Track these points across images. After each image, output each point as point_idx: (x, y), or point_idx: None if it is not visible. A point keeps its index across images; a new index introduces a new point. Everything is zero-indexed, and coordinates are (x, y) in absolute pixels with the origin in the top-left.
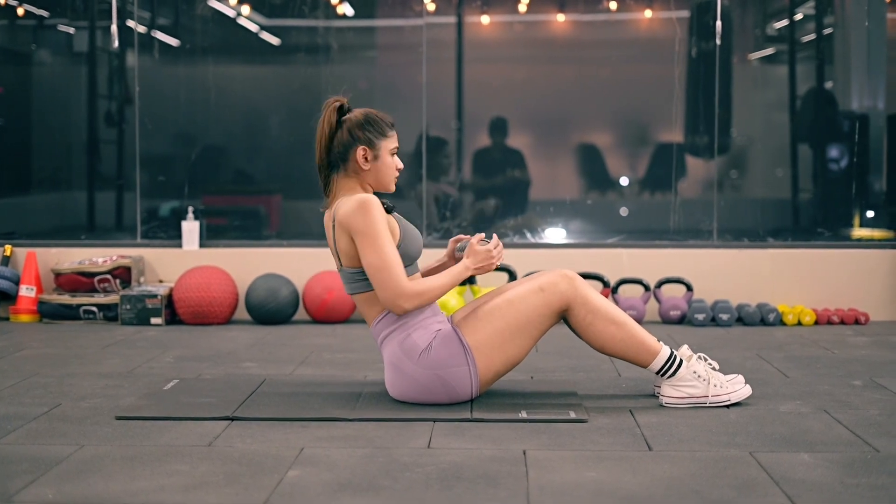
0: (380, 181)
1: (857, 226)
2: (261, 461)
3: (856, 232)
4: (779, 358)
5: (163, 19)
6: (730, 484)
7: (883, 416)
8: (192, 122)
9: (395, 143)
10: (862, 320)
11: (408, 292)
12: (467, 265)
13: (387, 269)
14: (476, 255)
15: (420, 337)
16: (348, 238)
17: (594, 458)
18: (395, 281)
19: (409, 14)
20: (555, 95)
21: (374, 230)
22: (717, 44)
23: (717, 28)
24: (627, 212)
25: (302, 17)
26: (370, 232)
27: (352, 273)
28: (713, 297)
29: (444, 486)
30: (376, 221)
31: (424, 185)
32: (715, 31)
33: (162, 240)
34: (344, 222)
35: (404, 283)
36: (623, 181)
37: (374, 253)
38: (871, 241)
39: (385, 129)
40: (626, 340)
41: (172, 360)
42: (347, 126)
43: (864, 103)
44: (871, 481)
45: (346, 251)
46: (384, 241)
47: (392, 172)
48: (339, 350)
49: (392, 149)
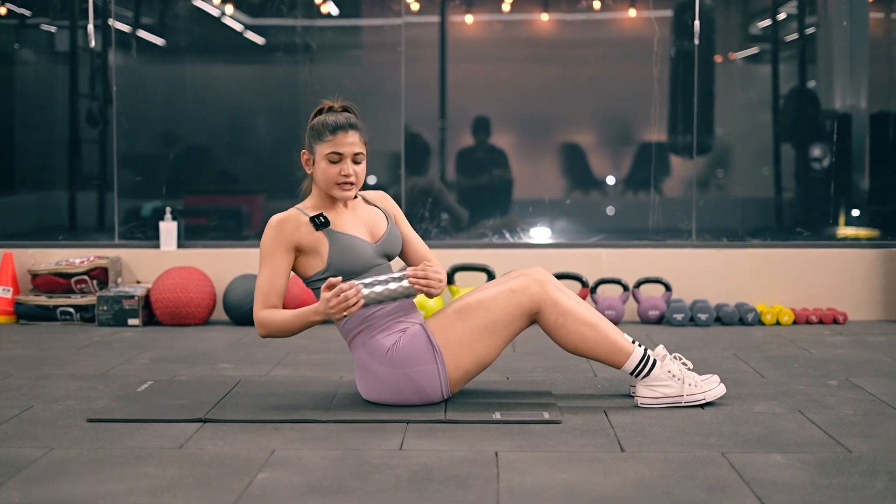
0: (323, 187)
1: (841, 225)
2: (231, 463)
3: (839, 231)
4: (756, 358)
5: (145, 18)
6: (701, 485)
7: (857, 417)
8: (174, 122)
9: (332, 149)
10: (840, 320)
11: (258, 319)
12: (316, 309)
13: (257, 293)
14: (321, 300)
15: (384, 337)
16: None
17: (566, 459)
18: (255, 305)
19: (388, 13)
20: (537, 95)
21: (263, 252)
22: (696, 43)
23: (696, 28)
24: (614, 211)
25: (281, 16)
26: (262, 253)
27: (308, 282)
28: (692, 296)
29: (413, 487)
30: (266, 244)
31: (403, 184)
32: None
33: (140, 240)
34: None
35: (258, 310)
36: (609, 180)
37: (259, 274)
38: (850, 240)
39: (322, 134)
40: (599, 342)
41: (148, 361)
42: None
43: (846, 102)
44: (842, 482)
45: None
46: (265, 264)
47: (331, 178)
48: (316, 351)
49: (328, 154)
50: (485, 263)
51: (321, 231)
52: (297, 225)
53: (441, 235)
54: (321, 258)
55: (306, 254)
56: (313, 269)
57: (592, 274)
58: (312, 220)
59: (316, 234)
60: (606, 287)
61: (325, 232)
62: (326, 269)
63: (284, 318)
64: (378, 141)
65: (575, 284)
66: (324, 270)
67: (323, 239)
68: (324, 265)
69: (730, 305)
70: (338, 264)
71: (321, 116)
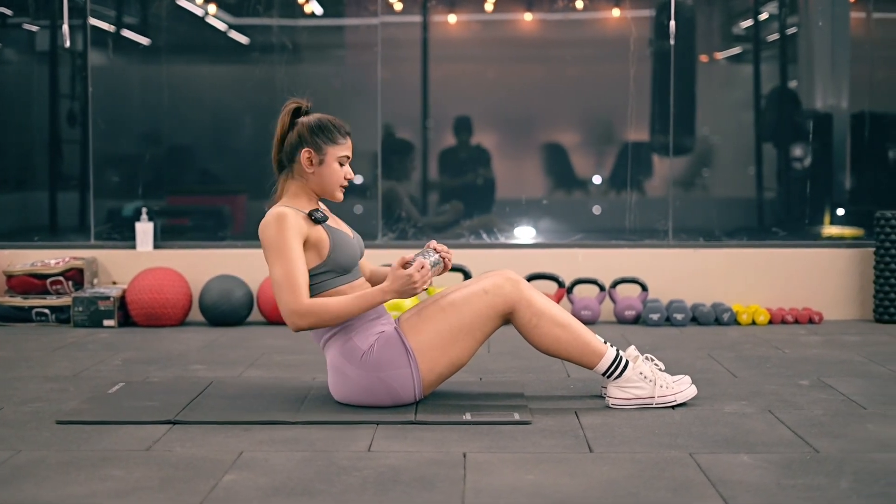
0: (324, 188)
1: (826, 224)
2: (198, 465)
3: (822, 230)
4: (729, 358)
5: (125, 17)
6: (667, 486)
7: (826, 417)
8: (154, 122)
9: (344, 152)
10: (816, 319)
11: (302, 309)
12: (384, 289)
13: (287, 285)
14: (397, 279)
15: (361, 340)
16: None
17: (534, 460)
18: (293, 296)
19: (364, 13)
20: (518, 95)
21: (274, 246)
22: (672, 44)
23: (672, 28)
24: (600, 210)
25: (258, 15)
26: (273, 247)
27: None
28: (668, 297)
29: (379, 489)
30: (276, 237)
31: (380, 184)
32: (676, 30)
33: (116, 241)
34: (259, 234)
35: (302, 300)
36: (596, 180)
37: (279, 267)
38: (826, 240)
39: (335, 136)
40: (572, 342)
41: (121, 362)
42: (298, 128)
43: (827, 102)
44: (807, 482)
45: None
46: (291, 255)
47: (337, 180)
48: (290, 352)
49: (340, 157)
50: (461, 264)
51: (320, 225)
52: (299, 218)
53: (418, 235)
54: (320, 253)
55: (307, 248)
56: (310, 264)
57: (569, 274)
58: (311, 214)
59: (317, 228)
60: (583, 287)
61: (324, 227)
62: (324, 263)
63: (343, 304)
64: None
65: (551, 285)
66: (321, 265)
67: (324, 233)
68: (321, 260)
69: (706, 305)
70: (337, 259)
71: (324, 116)
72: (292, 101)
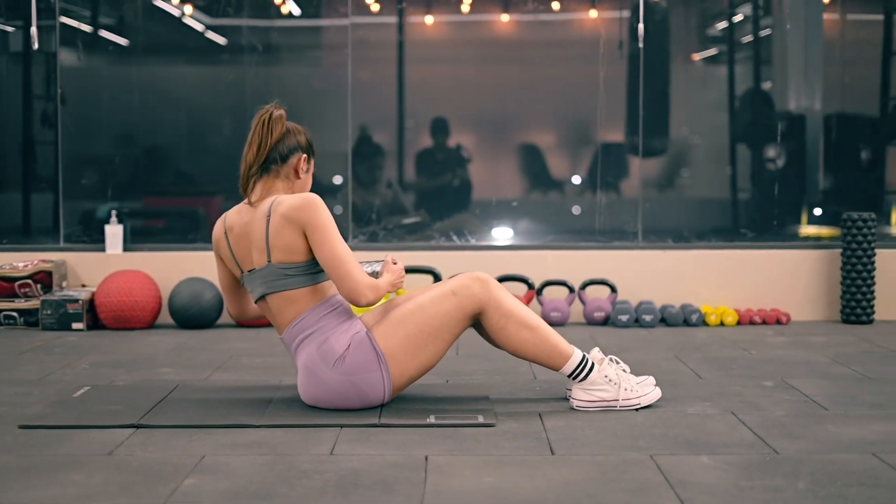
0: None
1: (798, 224)
2: (159, 470)
3: (796, 230)
4: (696, 359)
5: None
6: (625, 487)
7: (788, 418)
8: (126, 123)
9: None
10: (784, 320)
11: (369, 283)
12: (383, 282)
13: (350, 262)
14: (393, 272)
15: (338, 341)
16: (295, 232)
17: (495, 462)
18: (358, 272)
19: (333, 14)
20: (493, 96)
21: (332, 224)
22: (641, 46)
23: (640, 30)
24: (580, 210)
25: (229, 16)
26: (330, 226)
27: (281, 269)
28: (637, 298)
29: (339, 492)
30: (331, 217)
31: (350, 186)
32: (651, 32)
33: (85, 243)
34: (295, 216)
35: (364, 276)
36: (575, 180)
37: (338, 245)
38: (795, 241)
39: (316, 151)
40: (539, 344)
41: (88, 366)
42: (294, 132)
43: (800, 104)
44: (765, 483)
45: (288, 245)
46: (340, 236)
47: (308, 189)
48: (259, 354)
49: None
50: (431, 265)
51: None
52: None
53: (389, 237)
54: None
55: None
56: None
57: (538, 276)
58: None
59: None
60: (552, 289)
61: None
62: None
63: (385, 286)
64: (330, 141)
65: (521, 286)
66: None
67: None
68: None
69: (675, 306)
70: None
71: None
72: (277, 106)
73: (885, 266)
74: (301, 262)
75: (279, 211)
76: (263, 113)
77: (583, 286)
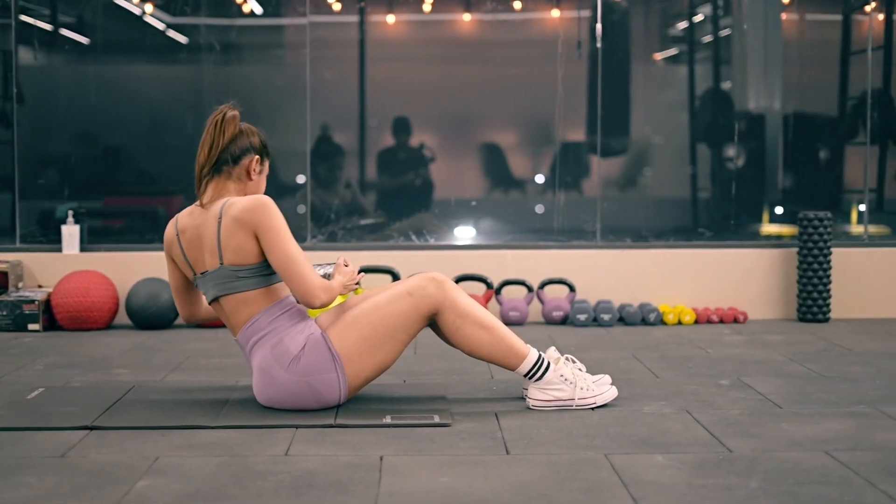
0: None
1: (758, 223)
2: (112, 472)
3: (756, 229)
4: (653, 358)
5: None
6: (579, 487)
7: (743, 416)
8: (85, 122)
9: None
10: (741, 319)
11: (322, 284)
12: (336, 284)
13: (302, 264)
14: (345, 273)
15: (293, 342)
16: (247, 235)
17: (450, 462)
18: (311, 273)
19: (292, 13)
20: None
21: (284, 226)
22: (599, 46)
23: (598, 30)
24: (543, 209)
25: (187, 14)
26: (281, 228)
27: (234, 271)
28: (596, 297)
29: (293, 493)
30: (282, 219)
31: (309, 186)
32: (612, 32)
33: (42, 244)
34: (246, 218)
35: (317, 277)
36: (539, 178)
37: (290, 247)
38: (752, 240)
39: (270, 153)
40: (495, 344)
41: (43, 367)
42: (247, 133)
43: (760, 104)
44: (718, 482)
45: (240, 248)
46: (292, 237)
47: (261, 191)
48: (216, 355)
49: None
50: (390, 265)
51: None
52: None
53: (347, 237)
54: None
55: None
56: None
57: (497, 275)
58: None
59: None
60: (511, 288)
61: None
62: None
63: (337, 287)
64: (290, 141)
65: (480, 286)
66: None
67: None
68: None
69: (633, 306)
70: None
71: None
72: (232, 107)
73: (842, 265)
74: (253, 263)
75: (230, 213)
76: (217, 114)
77: (541, 285)
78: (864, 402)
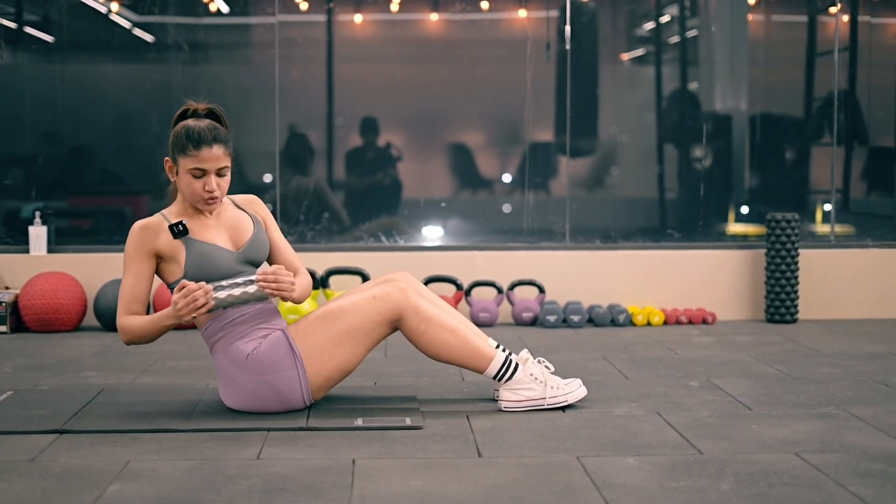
0: (190, 199)
1: (725, 224)
2: (83, 476)
3: (723, 229)
4: (622, 359)
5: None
6: (551, 489)
7: (713, 418)
8: (51, 121)
9: (195, 164)
10: (709, 320)
11: (119, 325)
12: (168, 312)
13: (120, 299)
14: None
15: (243, 344)
16: None
17: (422, 465)
18: (118, 311)
19: (260, 13)
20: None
21: (126, 258)
22: (568, 47)
23: (567, 31)
24: (510, 208)
25: (154, 13)
26: (126, 259)
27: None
28: (565, 298)
29: (265, 497)
30: (128, 250)
31: (278, 186)
32: (580, 33)
33: (9, 245)
34: None
35: (120, 317)
36: (506, 178)
37: (123, 280)
38: (720, 241)
39: (185, 148)
40: (461, 347)
41: (11, 370)
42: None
43: (726, 104)
44: (689, 484)
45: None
46: (129, 270)
47: (194, 193)
48: (185, 357)
49: (192, 169)
50: (360, 266)
51: (179, 239)
52: (158, 232)
53: (317, 238)
54: (179, 266)
55: (166, 261)
56: (173, 276)
57: (467, 276)
58: (171, 228)
59: (174, 241)
60: (481, 289)
61: (183, 240)
62: (184, 276)
63: (142, 324)
64: (258, 141)
65: (449, 287)
66: (181, 278)
67: (180, 247)
68: (181, 273)
69: (602, 307)
70: (194, 272)
71: (185, 124)
72: (186, 104)
73: (809, 266)
74: (171, 281)
75: None
76: None
77: (511, 287)
78: (833, 403)
